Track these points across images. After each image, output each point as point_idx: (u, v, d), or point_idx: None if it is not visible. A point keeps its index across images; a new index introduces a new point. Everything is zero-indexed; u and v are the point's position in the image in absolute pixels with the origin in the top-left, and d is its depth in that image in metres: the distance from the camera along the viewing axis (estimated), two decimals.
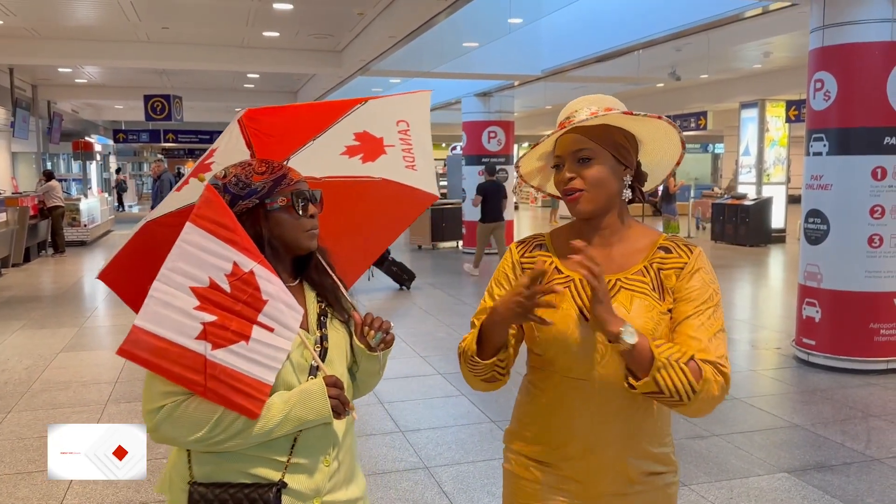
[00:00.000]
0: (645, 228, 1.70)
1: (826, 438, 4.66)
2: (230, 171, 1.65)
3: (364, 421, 5.04)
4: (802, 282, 6.42)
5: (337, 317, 1.74)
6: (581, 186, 1.59)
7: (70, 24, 9.47)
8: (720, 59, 12.67)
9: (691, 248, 1.64)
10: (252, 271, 1.50)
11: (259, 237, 1.60)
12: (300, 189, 1.67)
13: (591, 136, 1.58)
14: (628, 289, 1.60)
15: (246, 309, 1.49)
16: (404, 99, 2.12)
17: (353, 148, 2.00)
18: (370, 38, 9.28)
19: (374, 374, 1.79)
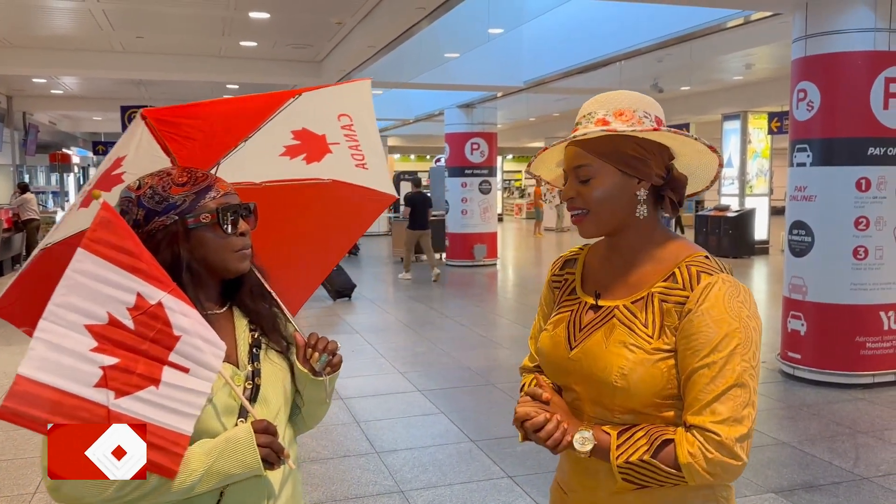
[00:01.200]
0: (679, 246, 1.43)
1: (814, 457, 4.53)
2: (146, 181, 1.46)
3: (338, 442, 4.86)
4: (787, 294, 6.32)
5: (273, 347, 1.55)
6: (582, 206, 1.41)
7: (43, 33, 9.26)
8: (702, 70, 12.65)
9: (703, 276, 1.34)
10: (160, 303, 1.29)
11: (178, 260, 1.41)
12: (228, 203, 1.47)
13: (592, 148, 1.38)
14: (618, 320, 1.40)
15: (154, 348, 1.29)
16: (342, 90, 1.89)
17: (294, 148, 1.76)
18: (349, 47, 9.16)
19: (321, 402, 1.60)
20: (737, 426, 1.26)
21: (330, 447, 4.77)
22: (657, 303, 1.36)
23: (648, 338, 1.35)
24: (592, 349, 1.40)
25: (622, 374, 1.33)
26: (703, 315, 1.30)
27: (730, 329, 1.28)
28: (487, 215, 14.73)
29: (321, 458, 4.59)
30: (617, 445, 1.31)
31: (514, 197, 33.79)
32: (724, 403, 1.27)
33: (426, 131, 21.14)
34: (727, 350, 1.28)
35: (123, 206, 1.45)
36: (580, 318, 1.46)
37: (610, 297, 1.44)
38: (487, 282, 12.92)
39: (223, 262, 1.47)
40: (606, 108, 1.39)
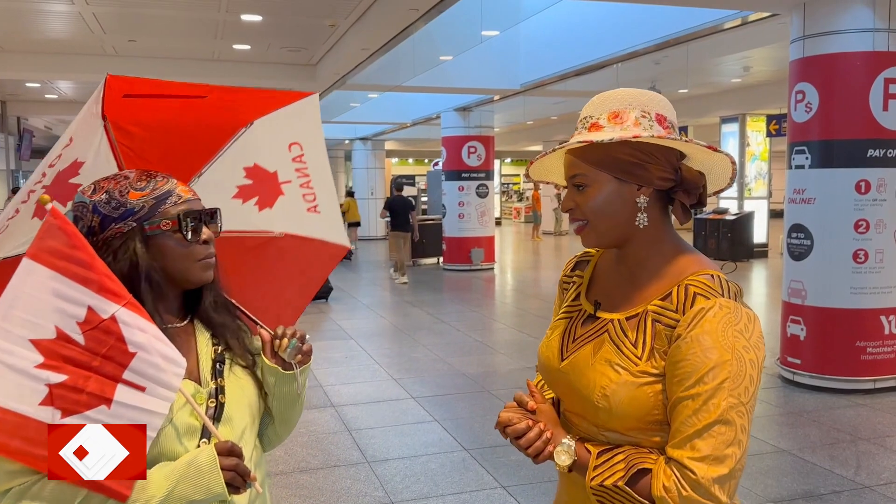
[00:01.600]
0: (687, 260, 1.32)
1: (814, 465, 4.44)
2: (101, 185, 1.37)
3: (329, 451, 4.76)
4: (786, 298, 6.23)
5: (238, 362, 1.46)
6: (580, 217, 1.34)
7: (35, 37, 9.18)
8: (700, 72, 12.58)
9: (699, 299, 1.23)
10: (114, 317, 1.20)
11: (136, 270, 1.32)
12: (190, 208, 1.39)
13: (585, 156, 1.30)
14: (609, 336, 1.32)
15: (107, 365, 1.20)
16: (292, 111, 1.81)
17: (246, 189, 1.72)
18: (343, 50, 9.08)
19: (293, 401, 1.52)
20: (716, 466, 1.16)
21: (320, 456, 4.68)
22: (650, 323, 1.27)
23: (636, 359, 1.26)
24: (579, 363, 1.33)
25: (604, 395, 1.27)
26: (691, 342, 1.20)
27: (719, 360, 1.18)
28: (485, 219, 14.65)
29: (310, 468, 4.50)
30: (594, 466, 1.26)
31: (513, 200, 33.75)
32: (706, 440, 1.17)
33: (424, 135, 21.08)
34: (714, 383, 1.18)
35: (77, 211, 1.36)
36: (575, 328, 1.40)
37: (608, 310, 1.36)
38: (485, 286, 12.83)
39: (185, 272, 1.38)
40: (601, 110, 1.30)
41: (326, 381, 6.35)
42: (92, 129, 1.57)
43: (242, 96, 1.81)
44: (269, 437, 1.61)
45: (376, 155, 23.75)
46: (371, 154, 23.61)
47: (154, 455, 1.26)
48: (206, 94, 1.72)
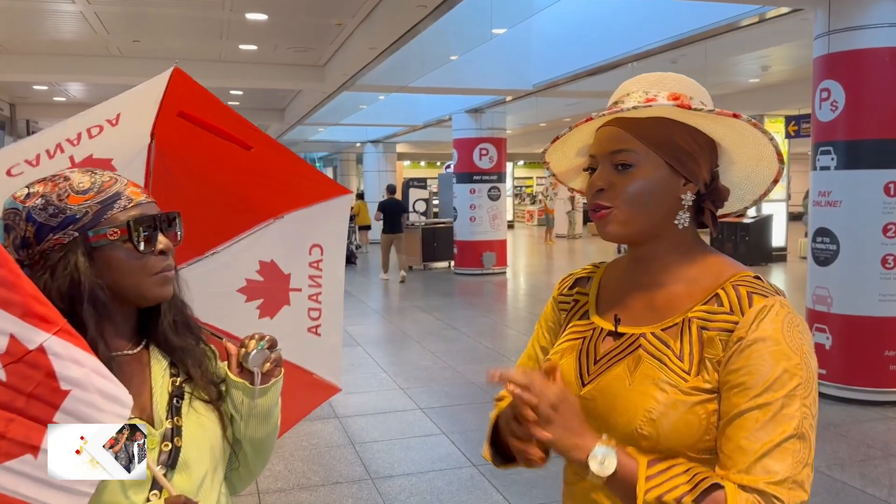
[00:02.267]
0: (719, 263, 1.17)
1: (844, 483, 4.18)
2: (36, 188, 1.16)
3: (331, 467, 4.55)
4: (811, 306, 5.97)
5: (200, 395, 1.25)
6: (610, 202, 1.13)
7: (39, 38, 9.08)
8: (717, 72, 12.31)
9: (755, 298, 1.07)
10: (42, 348, 0.99)
11: (77, 288, 1.12)
12: (143, 214, 1.18)
13: (639, 132, 1.12)
14: (646, 350, 1.12)
15: (34, 405, 0.99)
16: (324, 209, 1.72)
17: (254, 286, 1.62)
18: (351, 50, 8.90)
19: (264, 418, 1.30)
20: (798, 491, 0.99)
21: (321, 472, 4.47)
22: (696, 330, 1.09)
23: (685, 374, 1.07)
24: (612, 386, 1.13)
25: (650, 420, 1.07)
26: (757, 344, 1.04)
27: (790, 364, 1.02)
28: (497, 222, 14.42)
29: (311, 484, 4.29)
30: (647, 477, 1.01)
31: (526, 203, 33.52)
32: (782, 459, 0.99)
33: (436, 137, 20.88)
34: (785, 390, 1.01)
35: (8, 220, 1.16)
36: (595, 348, 1.19)
37: (633, 324, 1.17)
38: (496, 291, 12.59)
39: (138, 289, 1.18)
40: (657, 88, 1.14)
41: None
42: (140, 131, 1.47)
43: (282, 169, 1.70)
44: (235, 482, 1.39)
45: (388, 157, 23.59)
46: (382, 157, 23.45)
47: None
48: (254, 144, 1.62)
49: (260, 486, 4.25)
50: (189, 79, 1.53)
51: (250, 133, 1.63)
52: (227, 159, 1.62)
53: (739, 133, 1.15)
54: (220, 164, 1.62)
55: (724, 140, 1.17)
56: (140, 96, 1.52)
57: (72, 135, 1.47)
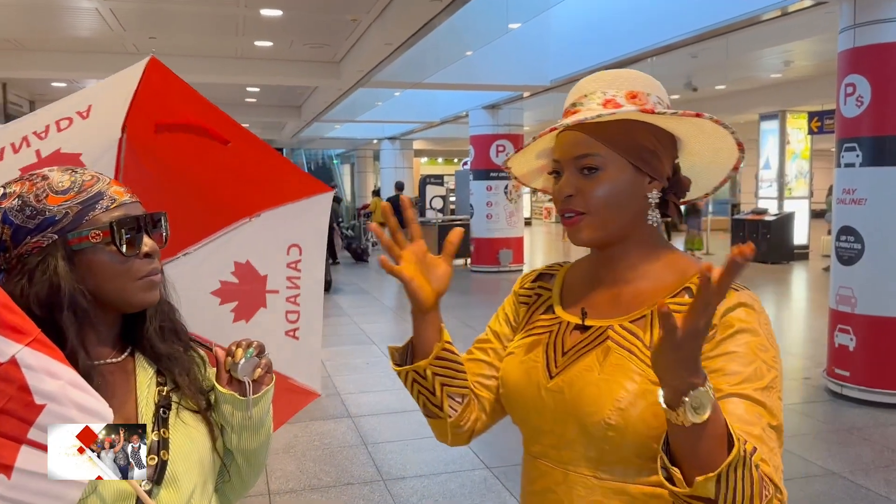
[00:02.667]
0: (683, 260, 1.20)
1: (868, 490, 4.06)
2: (13, 188, 1.10)
3: (343, 467, 4.50)
4: (834, 306, 5.83)
5: (188, 405, 1.19)
6: (581, 208, 1.14)
7: (56, 35, 9.11)
8: (738, 67, 12.12)
9: (728, 291, 1.02)
10: (14, 360, 0.92)
11: (57, 294, 1.06)
12: (127, 214, 1.12)
13: (602, 135, 1.12)
14: (614, 342, 1.12)
15: (6, 422, 0.92)
16: (304, 207, 1.65)
17: (229, 288, 1.55)
18: (367, 46, 8.85)
19: (254, 431, 1.24)
20: (779, 472, 1.00)
21: (333, 473, 4.42)
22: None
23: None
24: (580, 377, 1.13)
25: (618, 409, 1.06)
26: (738, 332, 1.05)
27: (767, 356, 1.05)
28: (514, 219, 14.32)
29: (322, 485, 4.24)
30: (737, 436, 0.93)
31: (543, 200, 33.36)
32: (771, 452, 0.99)
33: (453, 134, 20.80)
34: (766, 381, 1.03)
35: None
36: (563, 340, 1.20)
37: (599, 317, 1.18)
38: None
39: (122, 294, 1.11)
40: (615, 87, 1.15)
41: (345, 389, 6.10)
42: (110, 124, 1.41)
43: (260, 165, 1.63)
44: (228, 493, 1.33)
45: (404, 154, 23.54)
46: (399, 153, 23.40)
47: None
48: (231, 138, 1.55)
49: (271, 486, 4.21)
50: (166, 70, 1.47)
51: (229, 127, 1.56)
52: (202, 155, 1.55)
53: (698, 127, 1.15)
54: (195, 160, 1.55)
55: (683, 134, 1.18)
56: (113, 88, 1.45)
57: (39, 127, 1.40)
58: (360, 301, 10.78)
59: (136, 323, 1.19)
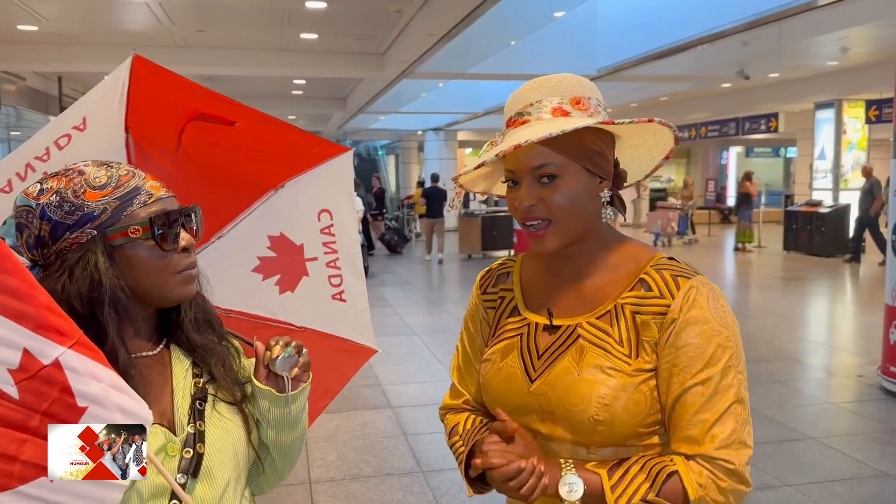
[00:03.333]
0: (635, 248, 1.28)
1: None
2: (50, 184, 1.10)
3: (383, 457, 4.52)
4: (890, 302, 5.62)
5: (223, 397, 1.19)
6: (545, 215, 1.19)
7: (108, 29, 9.34)
8: (792, 55, 11.76)
9: (680, 280, 1.18)
10: (57, 363, 0.92)
11: (98, 290, 1.06)
12: (164, 209, 1.12)
13: (557, 145, 1.17)
14: (586, 340, 1.20)
15: (48, 424, 0.93)
16: (325, 172, 1.65)
17: (268, 263, 1.57)
18: (410, 37, 8.84)
19: (290, 427, 1.24)
20: (743, 449, 1.14)
21: (373, 463, 4.44)
22: (629, 315, 1.19)
23: (627, 358, 1.18)
24: (560, 380, 1.20)
25: (604, 406, 1.15)
26: (691, 325, 1.15)
27: (721, 339, 1.15)
28: None
29: (363, 475, 4.26)
30: (611, 487, 1.12)
31: None
32: (725, 424, 1.13)
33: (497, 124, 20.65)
34: (721, 363, 1.15)
35: (21, 218, 1.10)
36: (535, 343, 1.25)
37: (565, 315, 1.25)
38: None
39: (161, 289, 1.12)
40: (559, 94, 1.20)
41: (387, 380, 6.13)
42: (111, 129, 1.41)
43: (273, 138, 1.63)
44: (262, 484, 1.34)
45: (449, 145, 23.52)
46: (444, 145, 23.39)
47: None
48: (236, 118, 1.55)
49: (312, 475, 4.25)
50: (151, 64, 1.46)
51: (231, 108, 1.55)
52: (212, 139, 1.55)
53: (643, 127, 1.22)
54: (206, 145, 1.54)
55: (625, 132, 1.24)
56: (103, 94, 1.45)
57: (39, 151, 1.42)
58: (402, 292, 10.82)
59: (171, 315, 1.20)
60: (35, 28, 8.97)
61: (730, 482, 1.12)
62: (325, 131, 24.36)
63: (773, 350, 6.94)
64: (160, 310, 1.19)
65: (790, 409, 5.29)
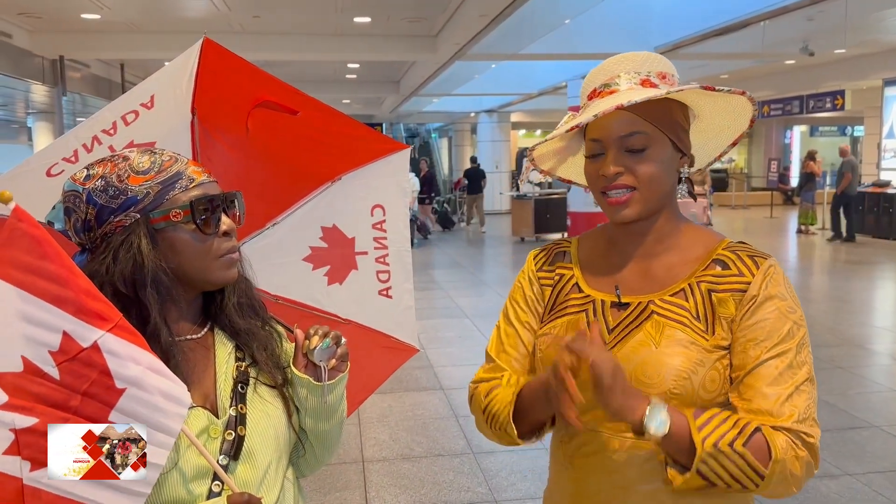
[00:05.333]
0: (703, 233, 1.29)
1: None
2: (96, 169, 1.14)
3: (434, 438, 4.57)
4: None
5: (265, 381, 1.21)
6: (631, 183, 1.19)
7: (167, 17, 9.54)
8: (860, 29, 11.27)
9: (758, 260, 1.20)
10: (96, 345, 0.96)
11: (141, 272, 1.09)
12: (206, 194, 1.14)
13: (648, 114, 1.18)
14: (662, 315, 1.20)
15: (88, 404, 0.97)
16: (381, 168, 1.69)
17: (320, 253, 1.61)
18: (462, 19, 8.78)
19: (327, 416, 1.26)
20: (816, 427, 1.15)
21: (425, 444, 4.49)
22: (704, 292, 1.20)
23: (704, 334, 1.18)
24: (636, 353, 1.19)
25: (682, 379, 1.15)
26: (769, 301, 1.17)
27: (796, 317, 1.18)
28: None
29: (414, 455, 4.32)
30: (698, 427, 1.10)
31: None
32: (800, 400, 1.14)
33: (551, 105, 20.43)
34: (797, 339, 1.16)
35: (69, 202, 1.14)
36: (604, 319, 1.25)
37: (632, 293, 1.24)
38: None
39: (203, 272, 1.15)
40: (646, 67, 1.21)
41: (438, 362, 6.17)
42: (178, 109, 1.45)
43: (334, 130, 1.67)
44: (302, 467, 1.36)
45: (501, 127, 23.35)
46: (496, 127, 23.24)
47: (156, 503, 1.04)
48: (299, 108, 1.58)
49: (365, 454, 4.32)
50: (221, 48, 1.49)
51: (294, 97, 1.57)
52: (274, 127, 1.57)
53: (727, 103, 1.24)
54: (268, 133, 1.57)
55: (702, 109, 1.26)
56: (172, 75, 1.48)
57: (107, 125, 1.46)
58: (453, 275, 10.84)
59: (215, 299, 1.22)
60: (98, 16, 9.22)
61: (807, 454, 1.12)
62: (379, 115, 24.46)
63: (836, 335, 6.73)
64: (205, 294, 1.22)
65: (852, 396, 5.13)
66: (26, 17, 9.22)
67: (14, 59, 9.81)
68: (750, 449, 1.09)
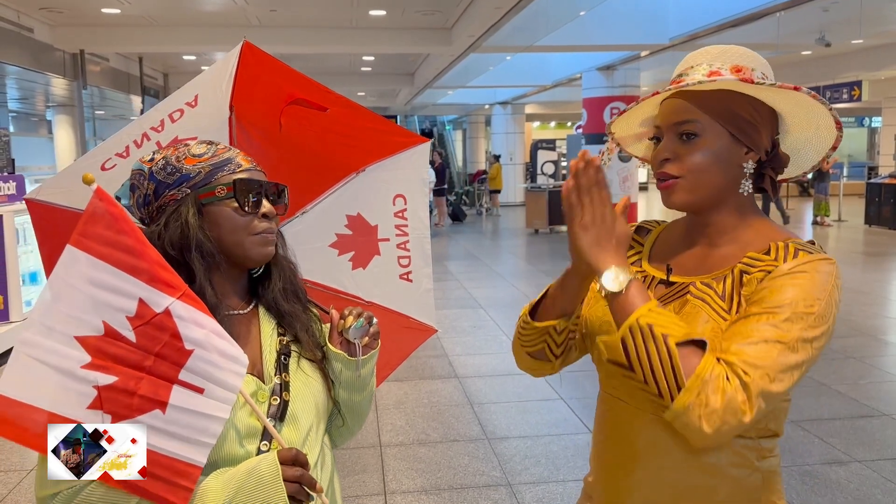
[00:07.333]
0: (772, 229, 1.25)
1: None
2: (161, 152, 1.30)
3: (449, 424, 4.66)
4: None
5: (306, 355, 1.34)
6: (677, 172, 1.22)
7: (185, 11, 9.65)
8: (876, 20, 11.19)
9: (801, 253, 1.15)
10: (168, 311, 1.08)
11: (186, 239, 1.22)
12: (251, 177, 1.28)
13: (702, 103, 1.20)
14: (693, 296, 1.22)
15: (161, 364, 1.08)
16: (404, 160, 1.80)
17: (344, 240, 1.72)
18: (477, 11, 8.82)
19: (360, 388, 1.39)
20: (767, 381, 1.05)
21: (440, 429, 4.58)
22: (738, 274, 1.19)
23: (725, 313, 1.17)
24: None
25: None
26: (786, 277, 1.12)
27: (810, 298, 1.10)
28: (627, 184, 14.00)
29: (430, 440, 4.41)
30: (650, 309, 1.10)
31: None
32: (763, 351, 1.07)
33: (565, 97, 20.44)
34: (791, 311, 1.09)
35: (134, 180, 1.31)
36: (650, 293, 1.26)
37: (683, 275, 1.27)
38: None
39: (239, 246, 1.27)
40: (721, 61, 1.22)
41: (452, 351, 6.26)
42: (219, 107, 1.58)
43: (360, 125, 1.78)
44: (335, 437, 1.50)
45: (516, 119, 23.36)
46: (511, 118, 23.25)
47: (212, 459, 1.15)
48: (329, 105, 1.70)
49: (382, 439, 4.42)
50: (258, 51, 1.60)
51: (325, 95, 1.68)
52: (305, 122, 1.68)
53: (798, 103, 1.21)
54: (299, 128, 1.68)
55: (783, 109, 1.23)
56: (214, 75, 1.60)
57: (155, 123, 1.59)
58: (469, 266, 10.92)
59: (262, 282, 1.35)
60: (118, 11, 9.36)
61: (732, 392, 1.04)
62: (393, 107, 24.53)
63: (850, 326, 6.75)
64: (255, 278, 1.35)
65: (864, 386, 5.17)
66: (48, 11, 9.38)
67: (35, 53, 9.98)
68: (680, 352, 1.06)
